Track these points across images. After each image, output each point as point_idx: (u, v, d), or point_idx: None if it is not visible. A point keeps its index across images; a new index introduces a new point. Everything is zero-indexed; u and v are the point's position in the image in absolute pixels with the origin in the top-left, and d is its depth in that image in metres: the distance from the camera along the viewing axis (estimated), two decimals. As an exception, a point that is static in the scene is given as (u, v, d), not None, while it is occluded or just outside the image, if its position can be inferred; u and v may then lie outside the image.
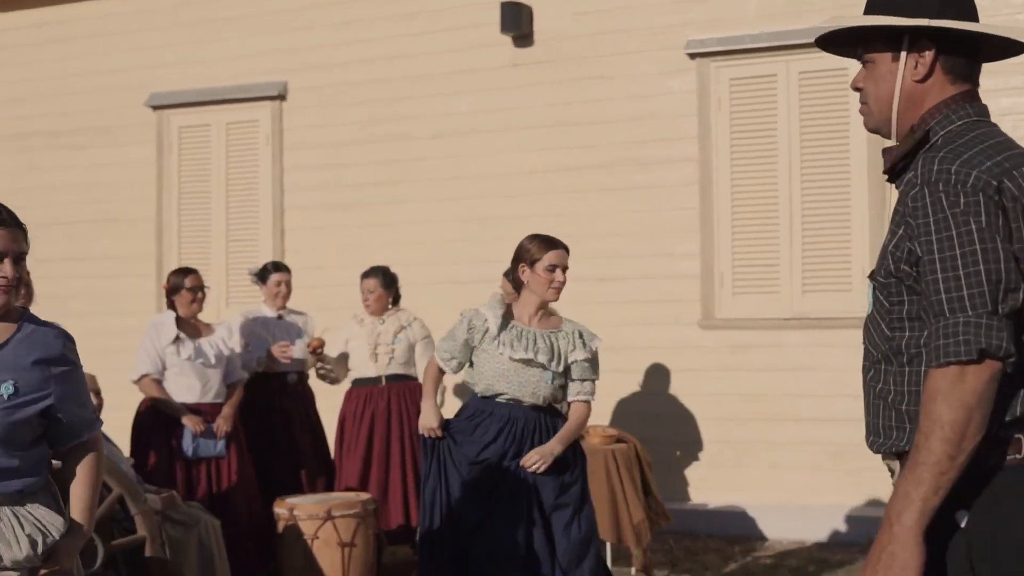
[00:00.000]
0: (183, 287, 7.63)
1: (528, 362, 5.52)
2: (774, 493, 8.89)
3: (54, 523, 3.53)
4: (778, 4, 8.94)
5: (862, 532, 8.49)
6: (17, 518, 3.49)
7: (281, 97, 10.42)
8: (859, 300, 8.69)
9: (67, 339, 3.61)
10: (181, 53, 10.79)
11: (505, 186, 9.68)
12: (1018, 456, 2.59)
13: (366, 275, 8.19)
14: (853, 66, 8.65)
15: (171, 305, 7.71)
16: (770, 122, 8.96)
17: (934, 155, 2.62)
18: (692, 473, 9.14)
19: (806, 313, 8.82)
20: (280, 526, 7.23)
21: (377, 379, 8.04)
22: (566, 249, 5.62)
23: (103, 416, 6.99)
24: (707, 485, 9.11)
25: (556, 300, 5.62)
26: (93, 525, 3.77)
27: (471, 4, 9.78)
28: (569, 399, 5.69)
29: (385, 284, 8.14)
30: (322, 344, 7.98)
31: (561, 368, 5.59)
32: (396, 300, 8.25)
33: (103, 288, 10.98)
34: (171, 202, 10.78)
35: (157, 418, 7.52)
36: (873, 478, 8.52)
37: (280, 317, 8.23)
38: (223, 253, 10.63)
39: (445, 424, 5.67)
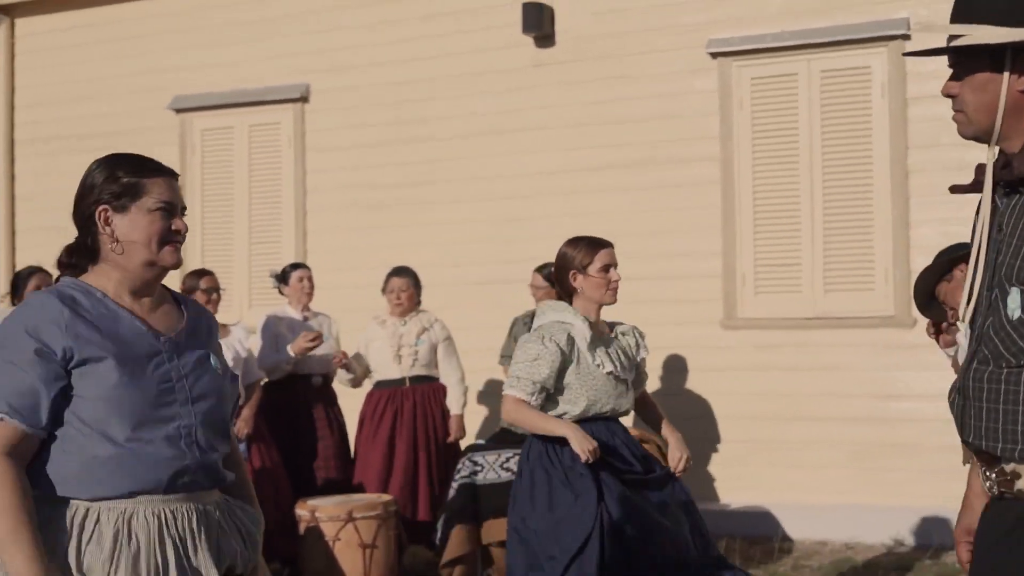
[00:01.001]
0: (198, 288, 7.66)
1: (619, 376, 5.23)
2: (797, 493, 8.86)
3: (255, 521, 3.13)
4: (799, 2, 8.91)
5: (884, 532, 8.46)
6: (234, 515, 3.05)
7: (304, 99, 10.45)
8: (881, 299, 8.66)
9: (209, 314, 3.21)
10: (203, 56, 10.82)
11: (529, 186, 9.68)
12: None
13: (396, 274, 8.19)
14: (876, 64, 8.64)
15: (186, 308, 7.72)
16: (791, 121, 8.93)
17: None
18: (715, 473, 9.12)
19: (828, 312, 8.79)
20: (302, 528, 7.25)
21: (401, 380, 8.05)
22: (612, 246, 5.30)
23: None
24: (730, 485, 9.09)
25: (615, 302, 5.29)
26: None
27: (492, 5, 9.79)
28: (638, 394, 5.48)
29: (415, 284, 8.17)
30: (347, 357, 8.02)
31: (633, 375, 5.38)
32: (418, 302, 8.27)
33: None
34: (194, 205, 10.82)
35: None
36: (895, 478, 8.49)
37: (305, 319, 8.24)
38: (246, 255, 10.66)
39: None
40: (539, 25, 9.45)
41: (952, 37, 2.74)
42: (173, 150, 10.90)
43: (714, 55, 9.11)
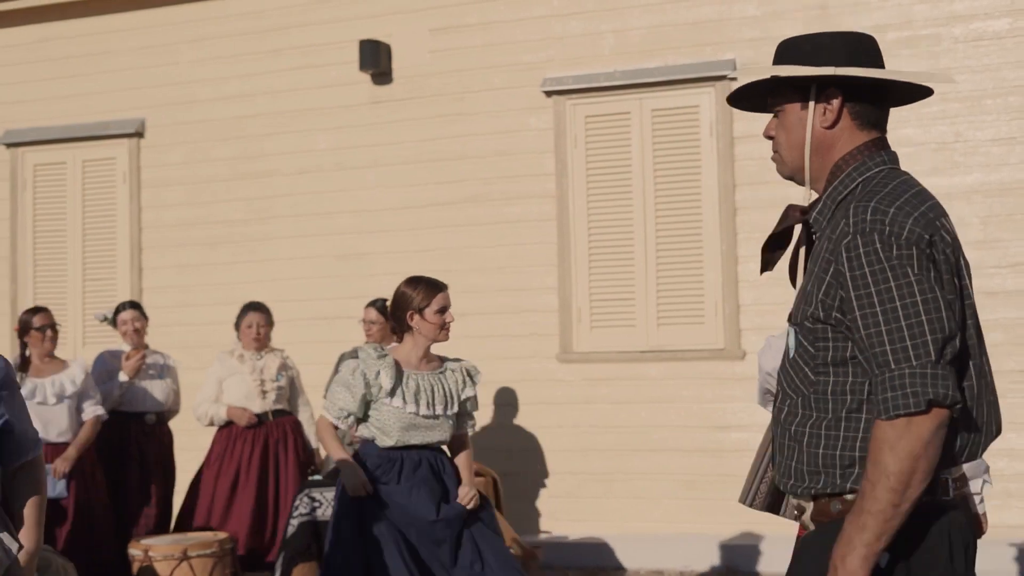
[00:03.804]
0: (32, 326, 7.54)
1: (425, 414, 5.55)
2: (633, 523, 9.01)
3: (11, 546, 3.38)
4: (632, 43, 9.12)
5: (718, 559, 8.65)
6: None
7: (139, 134, 10.34)
8: (712, 333, 8.87)
9: (5, 361, 3.47)
10: (37, 90, 10.65)
11: (371, 222, 9.71)
12: (945, 497, 2.69)
13: (253, 308, 8.20)
14: (704, 103, 8.89)
15: (24, 346, 7.61)
16: (624, 158, 9.12)
17: (865, 204, 2.65)
18: (553, 505, 9.23)
19: (661, 346, 8.98)
20: (135, 567, 7.15)
21: (264, 415, 8.02)
22: (447, 288, 5.65)
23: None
24: (567, 517, 9.20)
25: (447, 340, 5.65)
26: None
27: (330, 42, 9.83)
28: (457, 432, 5.77)
29: (270, 319, 8.19)
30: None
31: (456, 410, 5.68)
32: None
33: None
34: (26, 241, 10.62)
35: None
36: (728, 507, 8.68)
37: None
38: (79, 293, 10.48)
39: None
40: (376, 62, 9.51)
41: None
42: (4, 185, 10.69)
43: (548, 93, 9.28)
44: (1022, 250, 8.31)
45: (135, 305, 8.27)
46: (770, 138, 2.93)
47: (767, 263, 3.00)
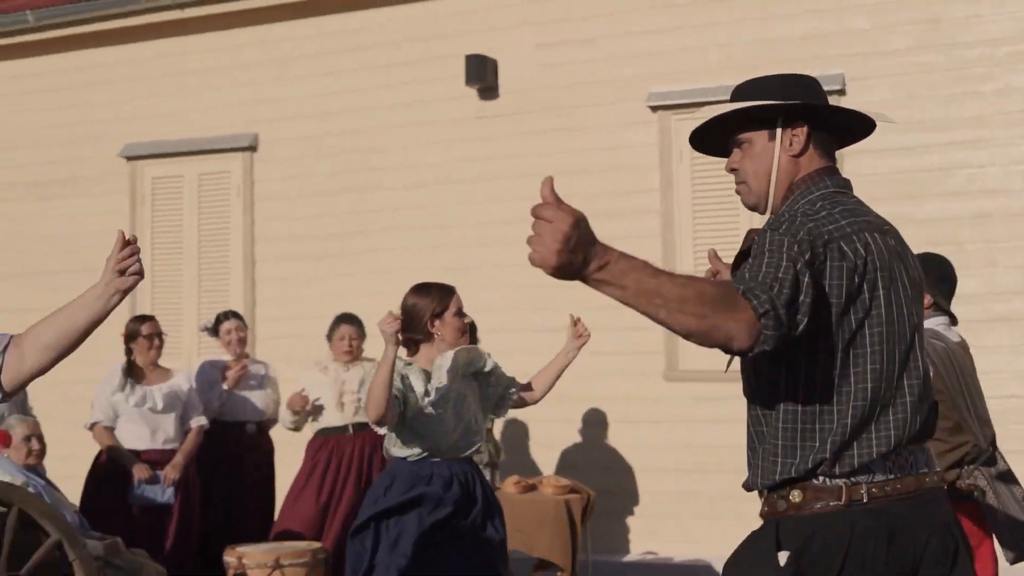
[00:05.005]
0: (140, 334, 7.70)
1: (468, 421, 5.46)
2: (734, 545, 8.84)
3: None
4: (738, 57, 9.01)
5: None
6: None
7: (252, 148, 10.51)
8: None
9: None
10: (155, 105, 10.90)
11: (478, 235, 9.73)
12: (839, 503, 2.82)
13: (346, 320, 8.20)
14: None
15: (129, 352, 7.77)
16: (730, 174, 8.98)
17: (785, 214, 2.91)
18: (655, 525, 9.12)
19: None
20: (229, 574, 7.24)
21: (344, 427, 8.05)
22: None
23: (47, 463, 7.08)
24: (673, 538, 9.07)
25: (467, 344, 5.56)
26: None
27: (437, 57, 9.88)
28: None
29: (362, 332, 8.18)
30: (305, 401, 7.97)
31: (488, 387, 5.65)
32: (361, 350, 8.29)
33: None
34: (144, 252, 10.74)
35: (113, 466, 7.58)
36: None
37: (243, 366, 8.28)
38: (195, 304, 10.68)
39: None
40: (482, 77, 9.54)
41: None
42: (124, 198, 10.95)
43: (654, 108, 9.20)
44: None
45: (236, 315, 8.39)
46: (733, 171, 3.14)
47: None
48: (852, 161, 8.28)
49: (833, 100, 8.60)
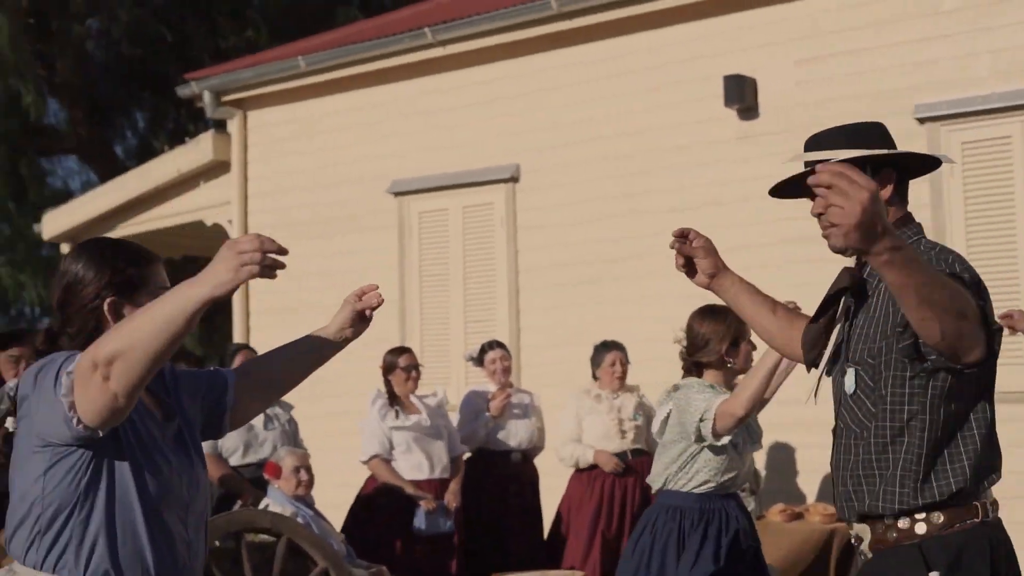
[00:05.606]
0: (398, 366, 7.85)
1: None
2: None
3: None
4: (1010, 62, 8.60)
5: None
6: None
7: (514, 179, 10.62)
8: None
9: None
10: (419, 141, 11.14)
11: (744, 258, 9.51)
12: (975, 520, 3.09)
13: (613, 347, 8.21)
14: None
15: (388, 384, 7.92)
16: (1007, 186, 8.59)
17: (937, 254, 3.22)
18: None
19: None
20: (497, 601, 7.29)
21: (623, 454, 8.02)
22: None
23: (314, 493, 7.26)
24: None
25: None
26: None
27: (694, 79, 9.77)
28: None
29: (626, 357, 8.17)
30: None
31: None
32: (623, 376, 8.28)
33: (348, 370, 11.30)
34: (412, 285, 11.09)
35: (388, 497, 7.72)
36: None
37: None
38: (461, 334, 10.84)
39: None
40: (742, 97, 9.38)
41: (809, 165, 3.37)
42: (392, 233, 11.22)
43: (921, 120, 8.87)
44: None
45: (501, 345, 8.47)
46: (819, 215, 3.27)
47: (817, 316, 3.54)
48: None
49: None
